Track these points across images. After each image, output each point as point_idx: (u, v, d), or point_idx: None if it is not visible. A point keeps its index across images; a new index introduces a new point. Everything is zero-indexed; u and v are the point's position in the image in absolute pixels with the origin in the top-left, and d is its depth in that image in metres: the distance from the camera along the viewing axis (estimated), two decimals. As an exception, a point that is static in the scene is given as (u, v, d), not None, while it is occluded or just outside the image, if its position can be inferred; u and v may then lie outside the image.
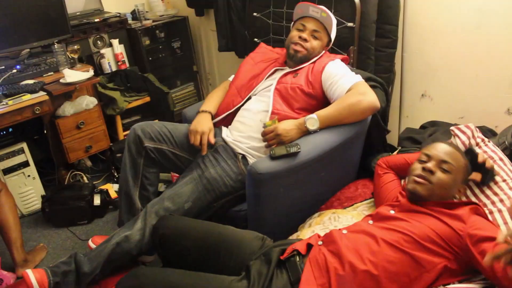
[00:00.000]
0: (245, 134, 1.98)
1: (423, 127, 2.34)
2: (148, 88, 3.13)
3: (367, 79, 2.00)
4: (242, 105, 2.12)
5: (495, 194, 1.53)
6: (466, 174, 1.48)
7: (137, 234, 1.76)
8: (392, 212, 1.42)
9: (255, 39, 2.64)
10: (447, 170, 1.40)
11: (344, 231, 1.39)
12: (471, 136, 1.73)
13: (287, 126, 1.80)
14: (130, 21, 3.32)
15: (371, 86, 1.92)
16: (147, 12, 3.44)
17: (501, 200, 1.51)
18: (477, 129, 1.77)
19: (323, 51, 2.10)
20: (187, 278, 1.31)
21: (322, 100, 1.95)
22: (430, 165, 1.41)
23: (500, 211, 1.46)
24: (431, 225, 1.30)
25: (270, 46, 2.39)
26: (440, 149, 1.45)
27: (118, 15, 3.21)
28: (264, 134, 1.82)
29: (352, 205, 1.85)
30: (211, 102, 2.19)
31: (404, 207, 1.42)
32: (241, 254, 1.45)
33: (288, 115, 1.91)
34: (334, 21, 2.06)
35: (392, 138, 2.58)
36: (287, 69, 2.07)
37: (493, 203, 1.52)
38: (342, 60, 2.05)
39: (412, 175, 1.44)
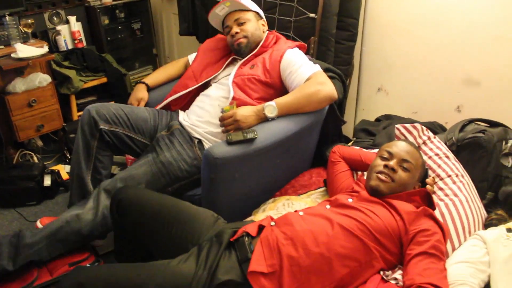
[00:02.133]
0: (202, 119, 1.97)
1: (378, 120, 2.40)
2: (105, 68, 3.04)
3: (325, 70, 2.03)
4: (201, 91, 2.11)
5: (441, 189, 1.62)
6: (422, 172, 1.54)
7: (89, 214, 1.72)
8: (350, 200, 1.46)
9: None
10: (407, 168, 1.46)
11: (301, 213, 1.42)
12: (417, 136, 1.80)
13: (246, 112, 1.80)
14: (89, -1, 3.21)
15: (329, 77, 1.95)
16: (107, -10, 3.33)
17: (446, 195, 1.59)
18: (424, 127, 1.83)
19: (266, 28, 2.14)
20: (130, 270, 1.29)
21: (280, 89, 1.97)
22: (392, 163, 1.46)
23: (446, 205, 1.54)
24: (385, 219, 1.35)
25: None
26: (402, 147, 1.51)
27: (77, -9, 3.10)
28: (222, 119, 1.81)
29: (306, 192, 1.88)
30: (153, 75, 2.33)
31: (363, 197, 1.46)
32: (194, 227, 1.47)
33: (247, 101, 1.91)
34: None
35: (348, 130, 2.64)
36: (245, 58, 2.08)
37: (438, 197, 1.59)
38: (299, 47, 2.07)
39: (374, 171, 1.48)
